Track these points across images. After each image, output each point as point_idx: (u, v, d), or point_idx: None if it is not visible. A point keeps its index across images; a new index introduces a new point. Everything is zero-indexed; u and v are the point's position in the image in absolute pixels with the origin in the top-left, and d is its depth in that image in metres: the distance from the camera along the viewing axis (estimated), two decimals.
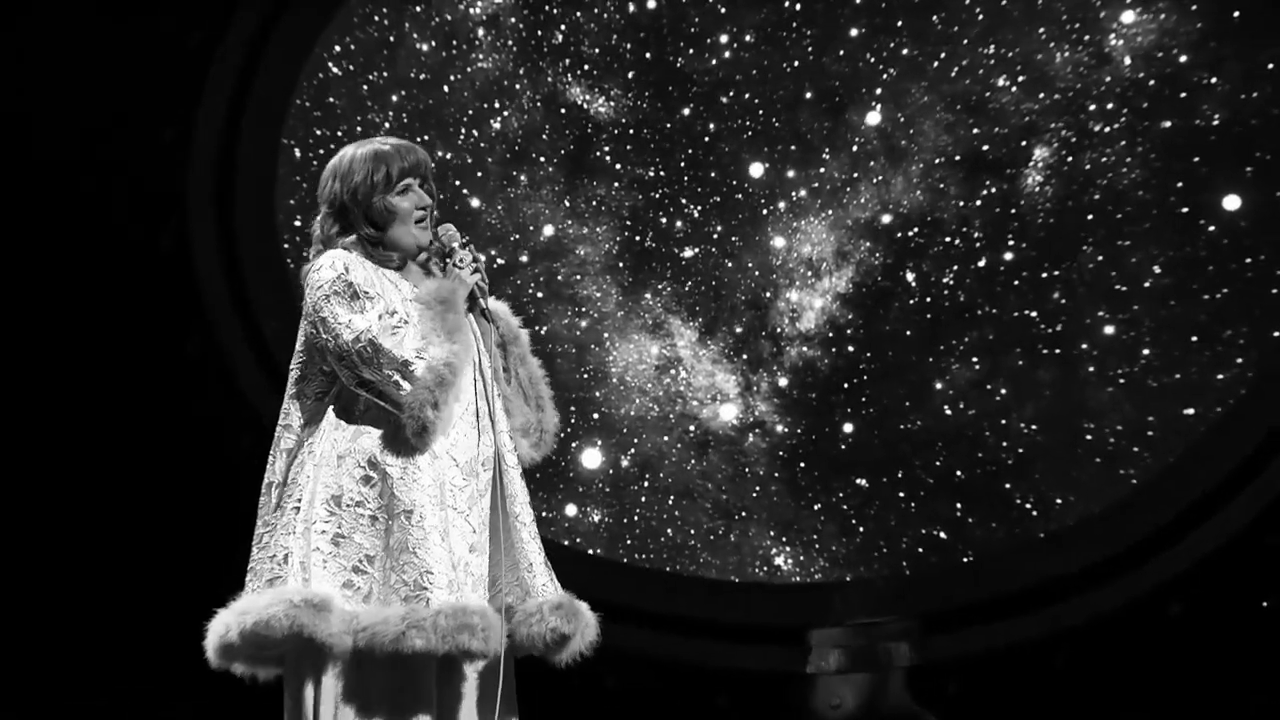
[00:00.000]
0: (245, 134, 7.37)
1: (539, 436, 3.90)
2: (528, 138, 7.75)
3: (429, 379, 3.56)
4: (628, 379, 7.81)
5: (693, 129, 7.75)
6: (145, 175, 7.09)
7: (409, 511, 3.56)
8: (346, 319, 3.58)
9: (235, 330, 7.17)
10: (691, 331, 7.85)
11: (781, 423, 7.78)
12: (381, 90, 7.65)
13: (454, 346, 3.59)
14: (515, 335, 3.93)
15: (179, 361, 6.98)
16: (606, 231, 7.85)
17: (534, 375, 3.92)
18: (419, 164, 3.81)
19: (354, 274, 3.65)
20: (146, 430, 6.84)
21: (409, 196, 3.81)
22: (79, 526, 6.76)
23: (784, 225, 7.84)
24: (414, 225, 3.81)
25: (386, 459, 3.60)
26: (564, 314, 7.80)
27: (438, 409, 3.56)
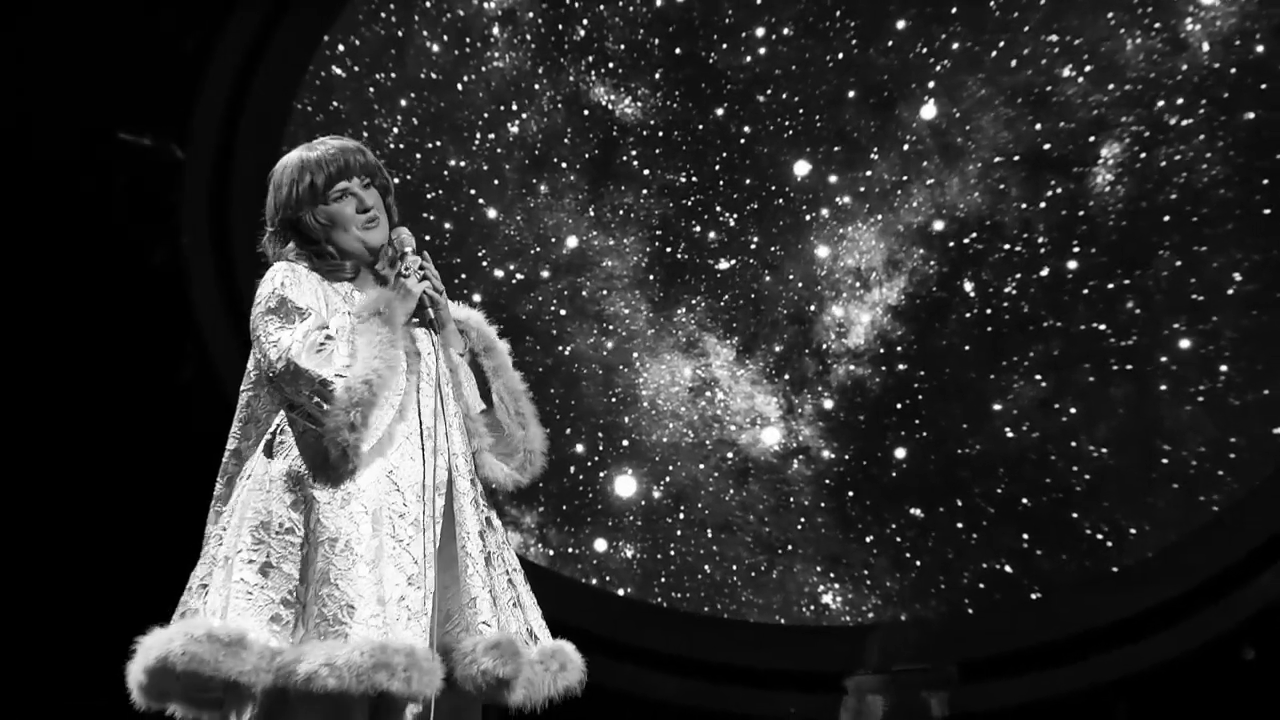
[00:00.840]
0: (242, 141, 7.42)
1: (525, 457, 3.74)
2: (548, 142, 7.73)
3: (345, 399, 3.44)
4: (660, 402, 7.76)
5: (727, 130, 7.75)
6: (136, 185, 7.16)
7: (333, 539, 3.44)
8: (275, 337, 3.51)
9: (229, 347, 7.06)
10: (728, 350, 7.80)
11: (828, 448, 7.70)
12: (389, 92, 7.64)
13: (375, 364, 3.45)
14: (490, 346, 3.78)
15: (171, 379, 7.07)
16: (635, 243, 7.83)
17: (514, 389, 3.76)
18: (349, 165, 3.66)
19: (290, 288, 3.56)
20: (140, 447, 6.90)
21: (347, 201, 3.67)
22: (67, 535, 6.88)
23: (829, 233, 7.76)
24: (359, 229, 3.67)
25: (315, 483, 3.49)
26: (590, 333, 7.78)
27: (355, 431, 3.44)
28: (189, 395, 7.02)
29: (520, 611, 3.62)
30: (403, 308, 3.57)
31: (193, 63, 7.25)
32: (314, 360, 3.44)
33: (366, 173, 3.66)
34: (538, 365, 7.59)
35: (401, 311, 3.55)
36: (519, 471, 3.74)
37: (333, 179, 3.63)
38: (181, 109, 7.27)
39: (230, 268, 7.33)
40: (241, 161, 7.39)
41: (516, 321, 7.51)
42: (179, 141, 7.20)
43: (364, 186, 3.65)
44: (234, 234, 7.35)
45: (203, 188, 7.39)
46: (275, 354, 3.45)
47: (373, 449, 3.46)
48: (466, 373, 3.69)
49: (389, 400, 3.45)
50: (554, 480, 7.61)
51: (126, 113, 7.08)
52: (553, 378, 7.61)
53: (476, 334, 3.76)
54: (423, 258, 3.59)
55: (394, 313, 3.52)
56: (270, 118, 7.46)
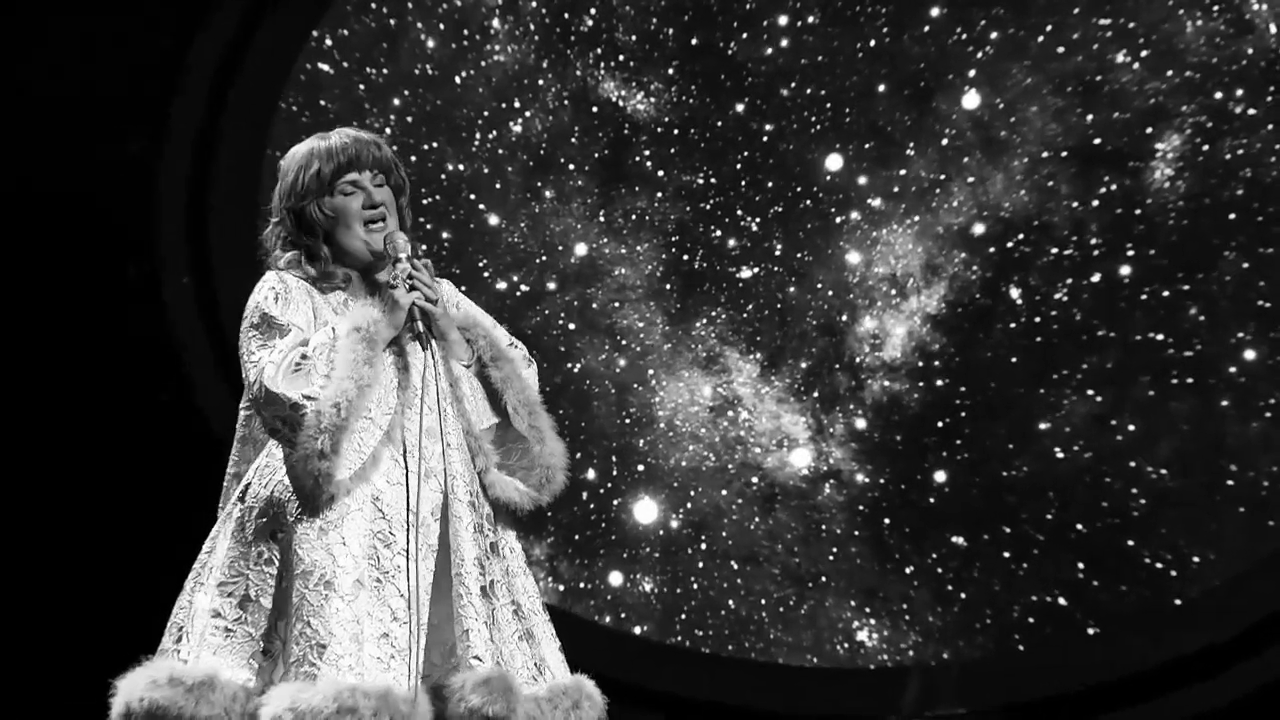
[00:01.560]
0: (223, 144, 7.30)
1: (544, 474, 3.72)
2: (554, 142, 7.63)
3: (314, 424, 3.44)
4: (678, 423, 7.64)
5: (749, 127, 7.63)
6: (108, 194, 7.02)
7: (308, 573, 3.44)
8: (255, 356, 3.51)
9: (210, 366, 7.02)
10: (752, 366, 7.69)
11: (862, 471, 7.57)
12: (381, 90, 7.51)
13: (346, 385, 3.44)
14: (498, 355, 3.74)
15: (150, 405, 7.00)
16: (649, 250, 7.73)
17: (528, 400, 3.75)
18: (361, 158, 3.66)
19: (274, 303, 3.55)
20: (118, 472, 6.91)
21: (355, 196, 3.66)
22: (47, 567, 6.93)
23: (861, 236, 7.63)
24: (363, 228, 3.66)
25: (294, 512, 3.50)
26: (601, 348, 7.66)
27: (325, 458, 3.44)
28: (168, 417, 6.96)
29: (529, 645, 3.59)
30: (388, 322, 3.53)
31: (168, 61, 7.13)
32: (288, 382, 3.43)
33: (380, 168, 3.65)
34: (545, 384, 6.82)
35: (386, 326, 3.52)
36: (537, 490, 3.71)
37: (341, 170, 3.62)
38: (157, 111, 7.18)
39: (209, 280, 7.27)
40: (222, 166, 7.33)
41: (522, 337, 6.56)
42: (146, 155, 7.10)
43: (375, 182, 3.64)
44: (214, 246, 7.31)
45: (180, 196, 7.31)
46: (253, 375, 3.46)
47: (356, 474, 3.46)
48: (472, 385, 3.66)
49: (375, 422, 3.45)
50: (564, 509, 7.49)
51: (95, 118, 6.97)
52: (561, 397, 7.51)
53: (484, 342, 3.72)
54: (414, 265, 3.56)
55: (376, 328, 3.50)
56: (253, 119, 7.36)
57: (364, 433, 3.47)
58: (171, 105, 7.16)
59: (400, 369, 3.56)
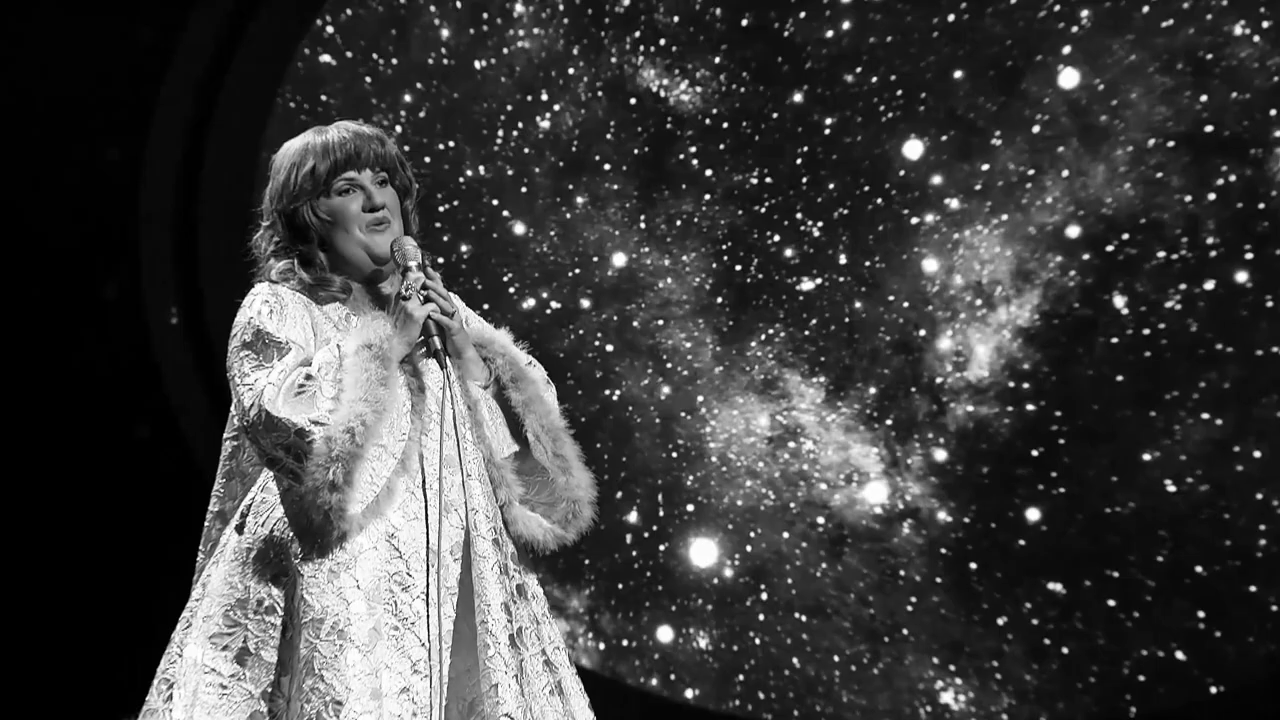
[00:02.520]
0: (212, 145, 7.34)
1: (569, 508, 3.66)
2: (587, 139, 7.63)
3: (324, 452, 3.38)
4: (732, 457, 7.61)
5: (808, 118, 7.59)
6: (82, 205, 7.10)
7: (318, 621, 3.39)
8: (251, 379, 3.47)
9: (196, 396, 7.10)
10: (815, 390, 7.65)
11: (943, 509, 7.54)
12: (390, 83, 7.53)
13: (360, 409, 3.38)
14: (519, 376, 3.69)
15: (126, 436, 7.11)
16: (696, 260, 7.68)
17: (551, 426, 3.68)
18: (361, 154, 3.61)
19: (268, 318, 3.52)
20: (92, 517, 7.04)
21: (353, 196, 3.60)
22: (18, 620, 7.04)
23: (940, 239, 7.57)
24: (364, 231, 3.60)
25: (299, 552, 3.44)
26: (643, 372, 7.66)
27: (337, 490, 3.37)
28: (148, 455, 7.05)
29: (561, 700, 3.60)
30: (401, 338, 3.52)
31: (152, 54, 7.16)
32: (290, 406, 3.43)
33: (383, 166, 3.64)
34: (580, 413, 7.49)
35: (399, 342, 3.51)
36: (562, 525, 3.70)
37: (339, 167, 3.61)
38: (137, 111, 7.18)
39: (198, 301, 7.30)
40: (212, 171, 7.36)
41: (552, 360, 7.31)
42: (127, 160, 7.17)
43: (377, 182, 3.63)
44: (202, 261, 7.32)
45: (165, 204, 7.34)
46: (249, 399, 3.45)
47: (369, 508, 3.45)
48: (491, 409, 3.66)
49: (388, 449, 3.45)
50: (604, 555, 7.52)
51: (67, 120, 7.04)
52: (598, 429, 7.54)
53: (503, 361, 3.70)
54: (427, 274, 3.55)
55: (389, 345, 3.48)
56: (246, 118, 7.38)
57: (377, 462, 3.45)
58: (154, 104, 7.22)
59: (414, 391, 3.54)
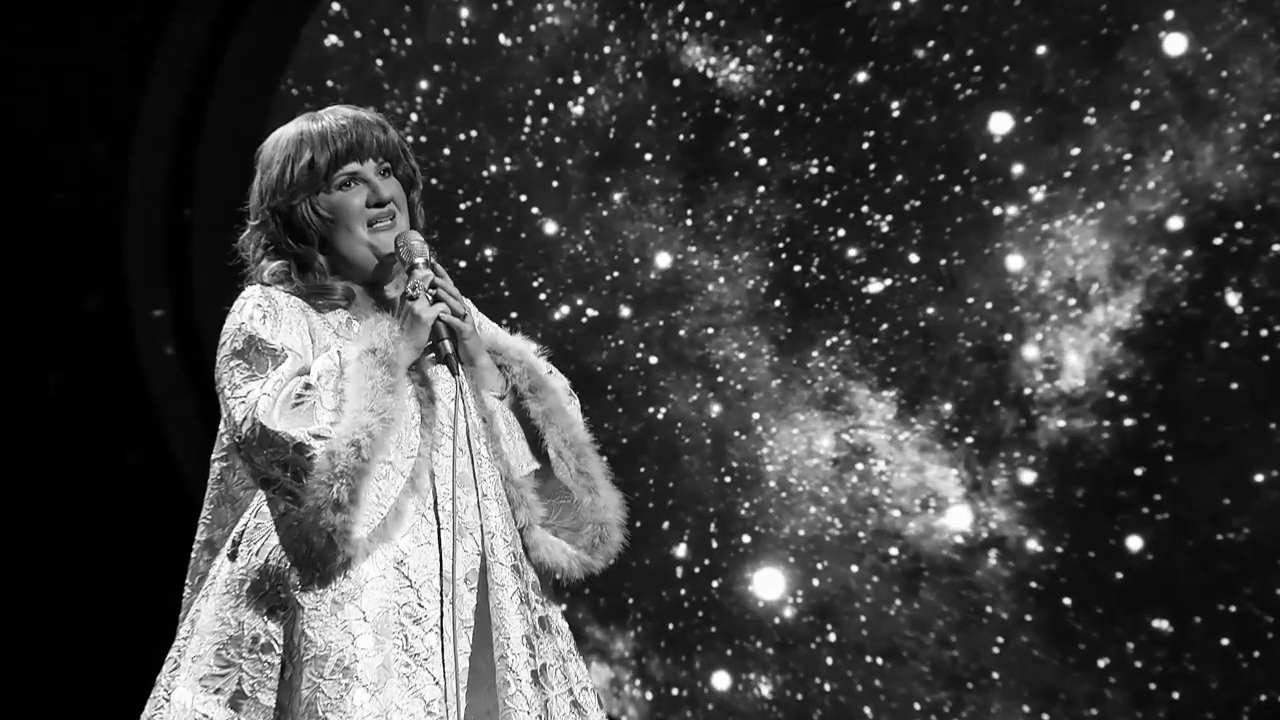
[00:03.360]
0: (208, 139, 7.31)
1: (596, 531, 3.65)
2: (625, 126, 7.61)
3: (326, 469, 3.41)
4: (792, 481, 7.57)
5: (875, 98, 7.54)
6: (63, 205, 7.11)
7: (322, 658, 3.42)
8: (243, 390, 3.51)
9: (188, 418, 7.07)
10: (886, 405, 7.61)
11: (1033, 537, 7.47)
12: (404, 66, 7.55)
13: (366, 420, 3.40)
14: (538, 385, 3.70)
15: (115, 461, 7.10)
16: (750, 260, 7.64)
17: (575, 441, 3.67)
18: (363, 143, 3.62)
19: (261, 323, 3.56)
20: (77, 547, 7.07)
21: (356, 190, 3.61)
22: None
23: (1027, 232, 7.52)
24: (368, 230, 3.62)
25: (298, 583, 3.48)
26: (690, 387, 7.63)
27: (342, 510, 3.40)
28: (136, 482, 7.05)
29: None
30: (408, 341, 3.52)
31: (137, 38, 7.16)
32: (288, 419, 3.45)
33: (386, 156, 3.65)
34: (620, 434, 7.50)
35: (407, 347, 3.51)
36: (589, 552, 3.68)
37: (339, 159, 3.60)
38: (124, 102, 7.18)
39: (189, 311, 7.25)
40: (206, 165, 7.32)
41: (588, 375, 7.44)
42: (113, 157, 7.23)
43: (381, 173, 3.63)
44: (195, 265, 7.26)
45: (155, 205, 7.31)
46: (241, 412, 3.48)
47: (375, 532, 3.47)
48: (508, 422, 3.69)
49: (395, 467, 3.47)
50: (651, 592, 7.51)
51: (48, 112, 7.06)
52: (642, 452, 7.54)
53: (520, 369, 3.72)
54: (436, 271, 3.56)
55: (395, 349, 3.49)
56: (245, 108, 7.36)
57: (383, 480, 3.47)
58: (143, 92, 7.21)
59: (423, 401, 3.57)
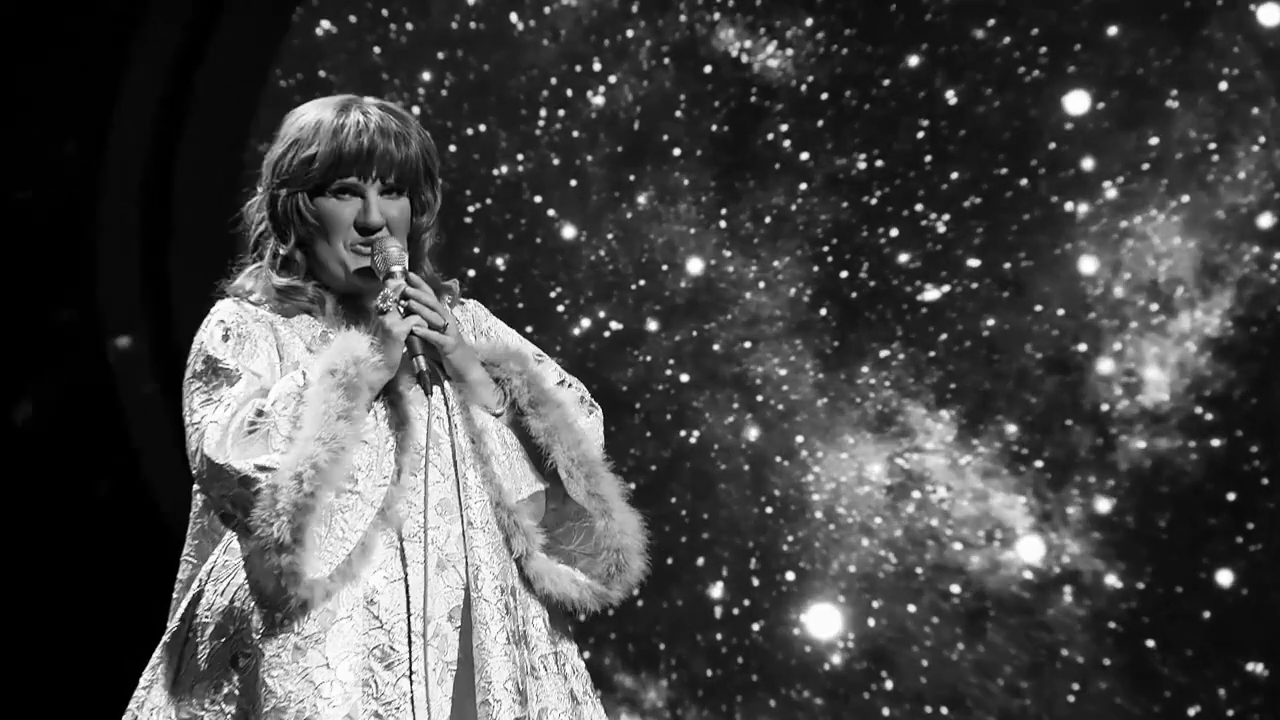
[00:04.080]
0: (189, 136, 7.28)
1: (612, 560, 3.57)
2: (651, 118, 7.54)
3: (270, 504, 3.35)
4: (841, 511, 7.48)
5: (929, 83, 7.48)
6: (30, 210, 7.05)
7: (281, 709, 3.37)
8: (197, 416, 3.49)
9: (167, 447, 6.86)
10: (945, 425, 7.51)
11: (1112, 571, 7.38)
12: (404, 54, 7.50)
13: (314, 450, 3.33)
14: (540, 398, 3.61)
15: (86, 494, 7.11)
16: (792, 265, 7.54)
17: (584, 458, 3.59)
18: (372, 155, 3.54)
19: (223, 343, 3.53)
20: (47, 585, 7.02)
21: (348, 203, 3.55)
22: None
23: (1102, 230, 7.44)
24: (348, 247, 3.57)
25: (260, 625, 3.44)
26: (727, 408, 7.52)
27: (287, 550, 3.32)
28: (109, 516, 7.06)
29: None
30: (379, 360, 3.45)
31: (114, 28, 7.07)
32: (239, 448, 3.41)
33: (399, 175, 3.57)
34: (649, 461, 7.44)
35: (374, 366, 3.44)
36: (604, 581, 3.58)
37: (339, 166, 3.53)
38: (98, 96, 7.09)
39: (169, 334, 7.14)
40: (186, 166, 7.27)
41: (613, 395, 7.35)
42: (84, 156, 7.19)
43: (385, 192, 3.57)
44: (176, 283, 7.19)
45: (130, 210, 7.21)
46: (194, 443, 3.47)
47: (340, 570, 3.41)
48: (505, 442, 3.61)
49: (364, 497, 3.42)
50: (685, 636, 7.45)
51: (12, 107, 6.99)
52: (672, 480, 7.49)
53: (520, 381, 3.61)
54: (410, 280, 3.50)
55: (357, 369, 3.42)
56: (232, 103, 7.29)
57: (349, 512, 3.40)
58: (119, 85, 7.15)
59: (396, 424, 3.49)
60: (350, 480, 3.41)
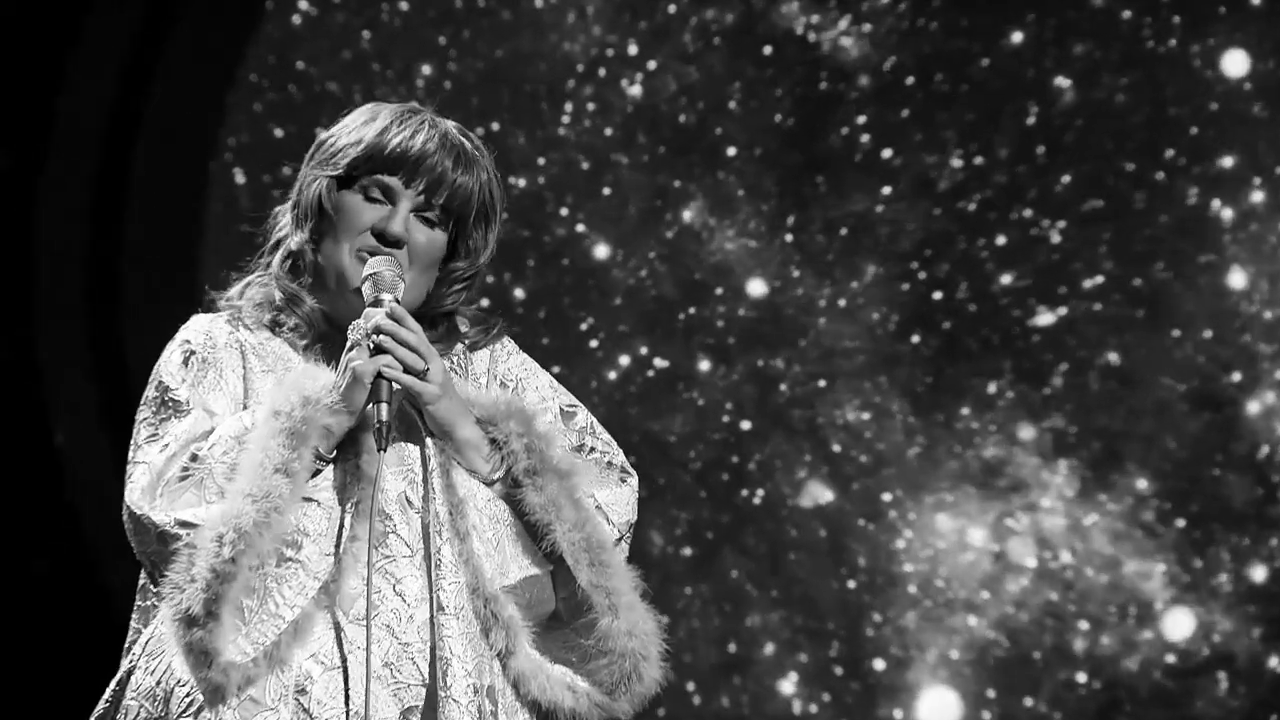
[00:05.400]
0: (145, 139, 6.95)
1: (621, 667, 3.40)
2: (700, 111, 7.30)
3: (184, 568, 3.21)
4: (940, 585, 7.19)
5: (1037, 62, 7.20)
6: None
7: None
8: (140, 455, 3.35)
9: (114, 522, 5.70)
10: (1065, 478, 7.18)
11: (1274, 652, 7.09)
12: (400, 41, 7.21)
13: (238, 507, 3.18)
14: (542, 465, 3.43)
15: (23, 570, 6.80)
16: (874, 286, 7.30)
17: (591, 541, 3.40)
18: (421, 161, 3.39)
19: (174, 370, 3.40)
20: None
21: (372, 207, 3.40)
22: None
23: (1254, 235, 7.14)
24: (352, 253, 3.40)
25: (179, 711, 3.32)
26: (797, 461, 7.26)
27: (196, 624, 3.19)
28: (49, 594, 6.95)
29: None
30: (333, 403, 3.30)
31: (54, 19, 6.91)
32: (165, 498, 3.28)
33: (448, 200, 3.43)
34: (704, 526, 7.22)
35: (329, 411, 3.29)
36: (608, 690, 3.41)
37: (380, 159, 3.41)
38: (34, 101, 6.87)
39: (124, 382, 6.80)
40: (143, 186, 6.97)
41: (658, 447, 7.22)
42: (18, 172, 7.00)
43: (423, 213, 3.42)
44: (129, 322, 6.94)
45: (74, 237, 6.95)
46: (125, 488, 3.38)
47: (270, 652, 3.27)
48: (495, 516, 3.42)
49: (306, 567, 3.28)
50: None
51: None
52: (732, 549, 7.21)
53: (520, 444, 3.42)
54: (394, 312, 3.33)
55: (306, 414, 3.27)
56: (196, 97, 7.08)
57: (287, 584, 3.24)
58: (59, 87, 6.93)
59: (358, 483, 3.32)
60: (293, 545, 3.26)
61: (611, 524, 3.50)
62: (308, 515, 3.29)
